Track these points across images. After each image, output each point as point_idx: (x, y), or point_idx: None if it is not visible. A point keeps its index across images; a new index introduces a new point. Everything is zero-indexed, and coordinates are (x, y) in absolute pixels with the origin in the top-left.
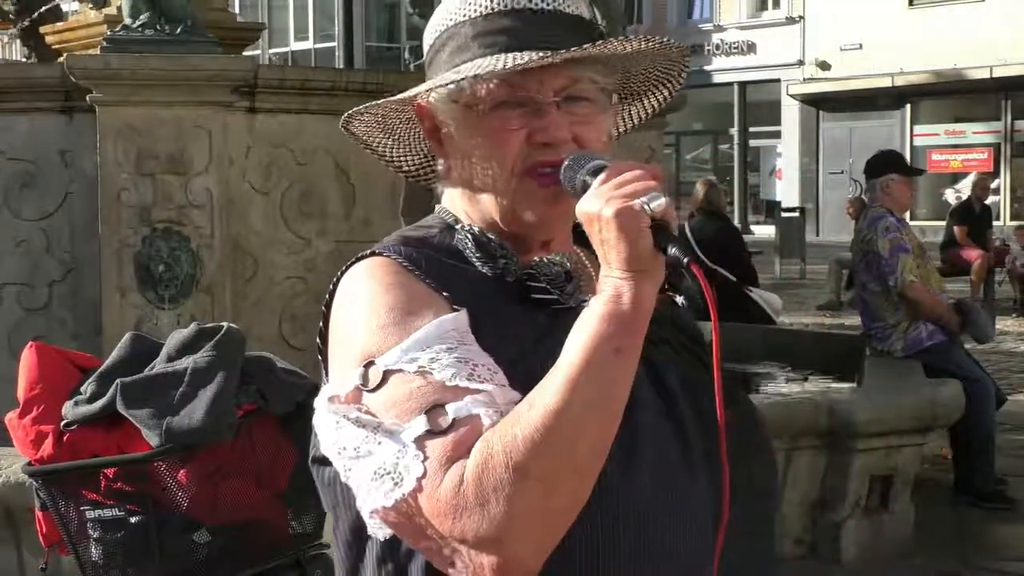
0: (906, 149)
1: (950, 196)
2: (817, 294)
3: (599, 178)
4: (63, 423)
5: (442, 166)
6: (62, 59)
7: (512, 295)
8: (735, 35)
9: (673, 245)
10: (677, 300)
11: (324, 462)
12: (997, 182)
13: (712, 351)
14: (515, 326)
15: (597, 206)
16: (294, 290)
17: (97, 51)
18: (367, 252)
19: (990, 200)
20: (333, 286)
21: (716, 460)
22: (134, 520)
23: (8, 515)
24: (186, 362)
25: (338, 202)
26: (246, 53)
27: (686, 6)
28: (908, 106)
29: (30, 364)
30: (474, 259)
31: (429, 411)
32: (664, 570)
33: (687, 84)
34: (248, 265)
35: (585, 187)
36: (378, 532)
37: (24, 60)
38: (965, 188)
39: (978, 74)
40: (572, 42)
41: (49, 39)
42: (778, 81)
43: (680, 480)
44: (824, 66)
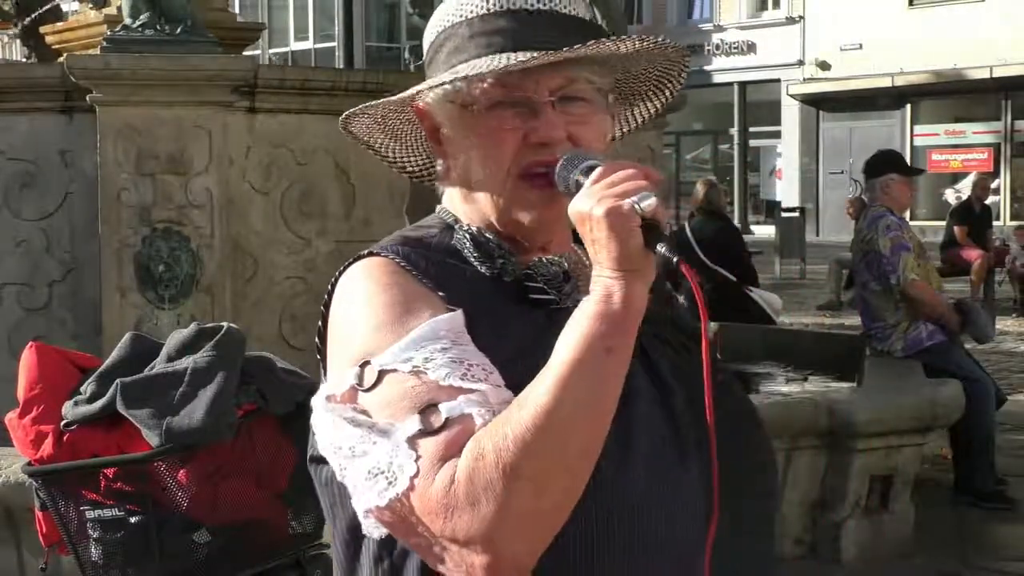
0: (906, 149)
1: (950, 196)
2: (817, 294)
3: (591, 177)
4: (63, 423)
5: (441, 166)
6: (62, 59)
7: (510, 295)
8: (735, 35)
9: (663, 244)
10: (679, 299)
11: (322, 461)
12: (997, 182)
13: (713, 351)
14: (512, 326)
15: (588, 205)
16: (294, 290)
17: (97, 51)
18: (365, 252)
19: (990, 200)
20: (332, 286)
21: (708, 449)
22: (134, 520)
23: (8, 515)
24: (186, 362)
25: (338, 202)
26: (246, 53)
27: (686, 6)
28: (908, 106)
29: (30, 364)
30: (472, 259)
31: (423, 411)
32: (658, 561)
33: (687, 84)
34: (248, 265)
35: (579, 187)
36: (373, 531)
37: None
38: (965, 188)
39: (978, 74)
40: (569, 42)
41: (49, 39)
42: (778, 81)
43: (672, 471)
44: (824, 66)
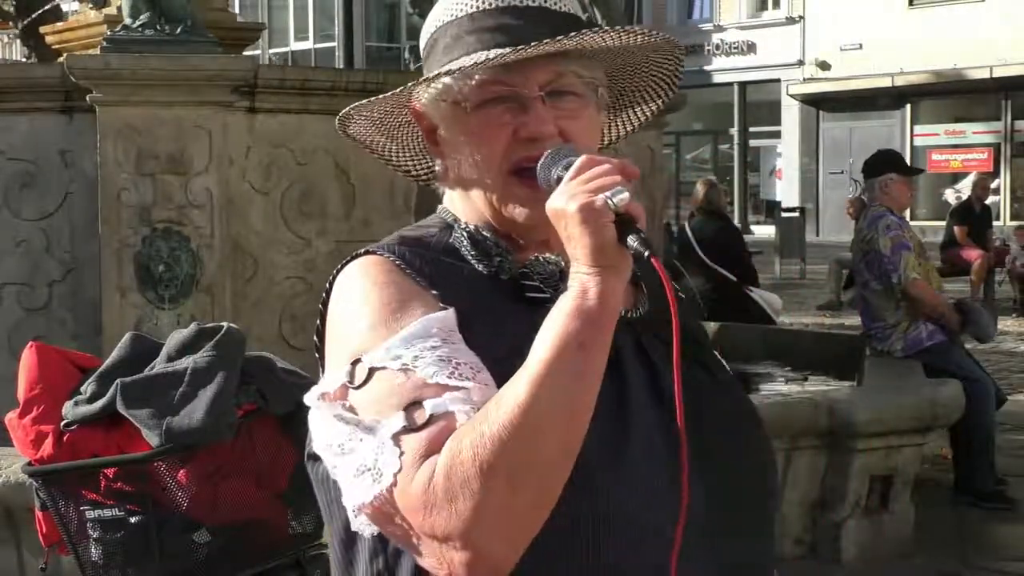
0: (906, 149)
1: (950, 196)
2: (817, 294)
3: (568, 174)
4: (63, 423)
5: (440, 167)
6: (62, 59)
7: (507, 293)
8: (735, 35)
9: (634, 238)
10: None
11: (318, 459)
12: (997, 182)
13: (712, 351)
14: (509, 324)
15: (562, 202)
16: (294, 290)
17: (97, 51)
18: (362, 251)
19: (990, 200)
20: (329, 284)
21: (707, 457)
22: (134, 520)
23: (8, 515)
24: (186, 362)
25: (338, 202)
26: (246, 53)
27: (686, 6)
28: (908, 106)
29: (30, 364)
30: (470, 257)
31: (407, 407)
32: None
33: (687, 84)
34: (248, 265)
35: (559, 183)
36: (364, 528)
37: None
38: (965, 188)
39: (978, 74)
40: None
41: (49, 39)
42: (778, 81)
43: (666, 475)
44: (824, 66)
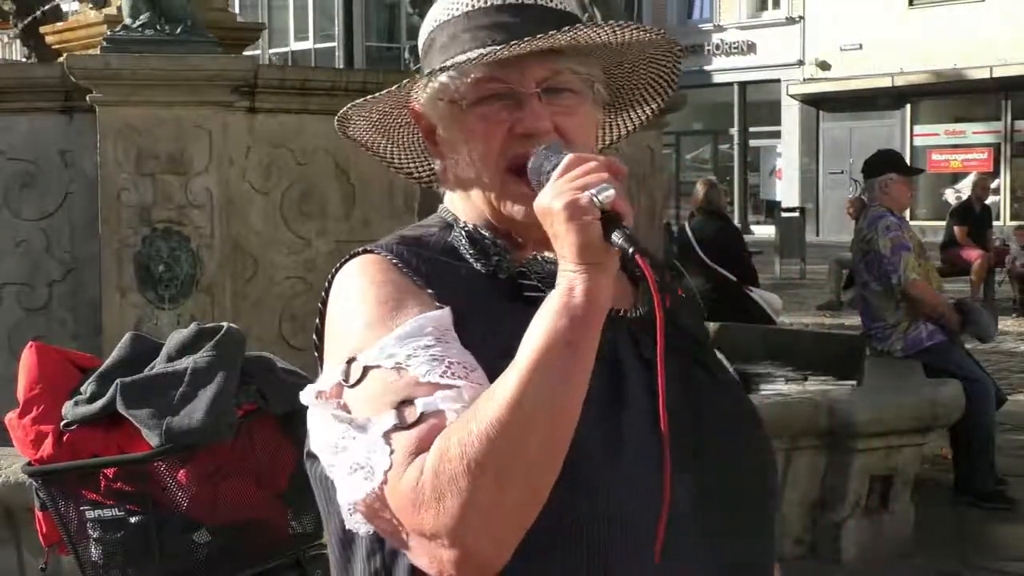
0: (906, 149)
1: (950, 196)
2: (817, 294)
3: (555, 172)
4: (63, 423)
5: (439, 167)
6: (62, 59)
7: (505, 292)
8: (735, 35)
9: (619, 235)
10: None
11: (316, 457)
12: (997, 182)
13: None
14: (506, 323)
15: (548, 200)
16: (294, 290)
17: (97, 51)
18: (360, 249)
19: (990, 200)
20: (328, 283)
21: (704, 457)
22: (134, 520)
23: (8, 515)
24: (186, 362)
25: (338, 202)
26: (246, 53)
27: (686, 6)
28: (908, 106)
29: (30, 364)
30: (468, 256)
31: (398, 406)
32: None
33: (687, 84)
34: (248, 265)
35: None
36: (359, 527)
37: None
38: (965, 188)
39: (978, 74)
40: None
41: (49, 39)
42: (778, 81)
43: (657, 480)
44: (824, 66)
